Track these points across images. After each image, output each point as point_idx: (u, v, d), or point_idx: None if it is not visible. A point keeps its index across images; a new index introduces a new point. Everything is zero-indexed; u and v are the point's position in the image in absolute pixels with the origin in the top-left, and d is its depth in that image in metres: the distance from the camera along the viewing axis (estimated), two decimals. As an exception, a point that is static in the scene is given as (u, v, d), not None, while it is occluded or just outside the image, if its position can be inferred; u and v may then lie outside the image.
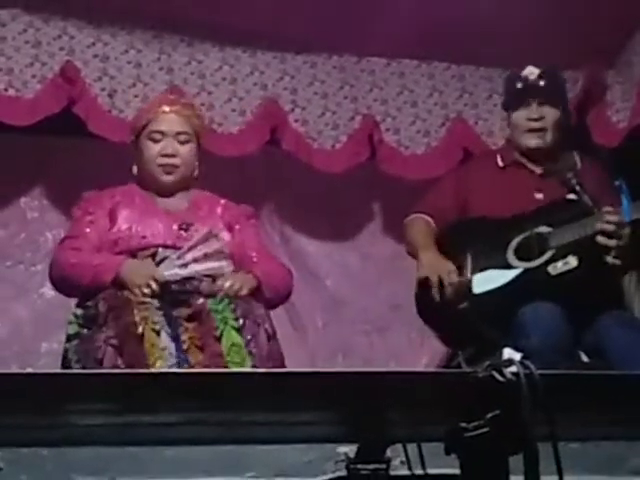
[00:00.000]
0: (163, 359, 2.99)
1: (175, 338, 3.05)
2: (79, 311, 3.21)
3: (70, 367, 3.09)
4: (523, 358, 2.77)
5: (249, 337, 3.07)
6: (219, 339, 3.06)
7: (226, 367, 2.97)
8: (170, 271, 3.22)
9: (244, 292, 3.23)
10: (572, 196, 3.45)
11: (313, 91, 4.69)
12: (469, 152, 4.64)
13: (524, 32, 4.31)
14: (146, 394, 2.14)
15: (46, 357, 4.34)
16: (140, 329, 3.02)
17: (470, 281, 3.54)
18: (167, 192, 3.51)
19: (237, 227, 3.51)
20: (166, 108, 3.54)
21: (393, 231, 4.83)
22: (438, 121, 4.77)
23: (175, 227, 3.39)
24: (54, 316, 4.23)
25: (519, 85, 3.80)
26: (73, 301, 3.42)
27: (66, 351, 3.17)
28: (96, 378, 2.25)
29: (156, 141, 3.48)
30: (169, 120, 3.51)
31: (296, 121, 4.62)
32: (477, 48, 4.60)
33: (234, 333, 3.06)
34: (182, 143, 3.48)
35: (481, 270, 3.55)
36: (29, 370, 4.14)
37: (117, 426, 2.18)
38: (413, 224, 3.84)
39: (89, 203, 3.47)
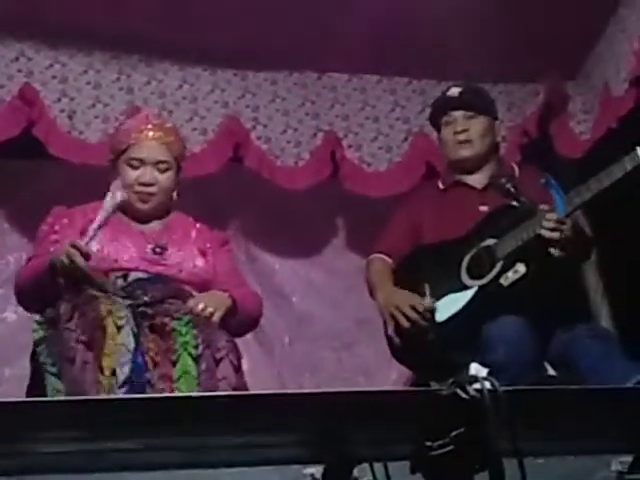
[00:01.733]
0: (115, 354, 2.94)
1: (137, 337, 3.01)
2: (40, 318, 3.14)
3: (46, 371, 3.00)
4: (489, 373, 2.78)
5: (204, 367, 3.03)
6: (174, 363, 3.02)
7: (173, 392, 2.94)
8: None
9: (216, 317, 3.18)
10: (512, 202, 3.46)
11: (274, 108, 4.68)
12: (432, 166, 4.64)
13: (484, 46, 4.32)
14: (109, 420, 2.13)
15: (8, 383, 4.28)
16: (104, 322, 2.99)
17: (432, 311, 3.53)
18: (143, 218, 3.47)
19: (210, 253, 3.48)
20: (148, 133, 3.46)
21: (357, 246, 4.83)
22: (400, 136, 4.77)
23: (149, 249, 3.34)
24: (17, 341, 4.17)
25: (442, 102, 3.89)
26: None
27: (38, 356, 3.10)
28: (59, 405, 2.23)
29: (134, 168, 3.41)
30: (150, 148, 3.44)
31: (258, 138, 4.61)
32: (437, 62, 4.61)
33: (190, 361, 3.02)
34: (161, 171, 3.42)
35: (441, 297, 3.55)
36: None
37: (81, 453, 2.17)
38: (370, 266, 3.87)
39: (56, 220, 3.41)
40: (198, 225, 3.56)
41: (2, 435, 2.09)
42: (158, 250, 3.34)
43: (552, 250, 3.33)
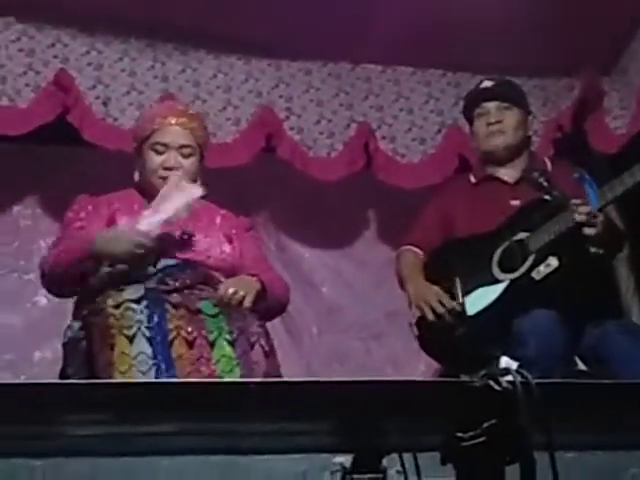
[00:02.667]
0: (135, 367, 2.90)
1: (153, 337, 2.99)
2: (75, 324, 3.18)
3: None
4: (520, 367, 2.77)
5: (240, 351, 3.03)
6: (212, 345, 3.03)
7: (214, 376, 2.93)
8: (145, 222, 3.20)
9: (248, 302, 3.17)
10: (544, 196, 3.44)
11: (308, 98, 4.69)
12: (465, 159, 4.63)
13: (520, 39, 4.31)
14: (141, 404, 2.12)
15: (39, 366, 4.33)
16: (114, 339, 2.94)
17: (463, 305, 3.52)
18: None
19: (236, 239, 3.48)
20: (172, 120, 3.45)
21: (388, 238, 4.83)
22: (434, 128, 4.77)
23: (177, 234, 3.35)
24: (48, 324, 4.21)
25: (475, 95, 3.87)
26: (68, 309, 3.39)
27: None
28: (90, 388, 2.23)
29: (159, 153, 3.41)
30: (173, 132, 3.43)
31: (291, 129, 4.61)
32: (473, 55, 4.60)
33: (226, 345, 3.03)
34: (185, 156, 3.41)
35: (471, 290, 3.54)
36: (22, 379, 4.13)
37: (111, 436, 2.16)
38: (402, 258, 3.86)
39: (81, 207, 3.42)
40: (223, 212, 3.55)
41: (33, 417, 2.09)
42: (185, 236, 3.34)
43: (585, 243, 3.32)
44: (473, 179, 3.87)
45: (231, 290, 3.17)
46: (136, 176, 3.49)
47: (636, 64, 4.56)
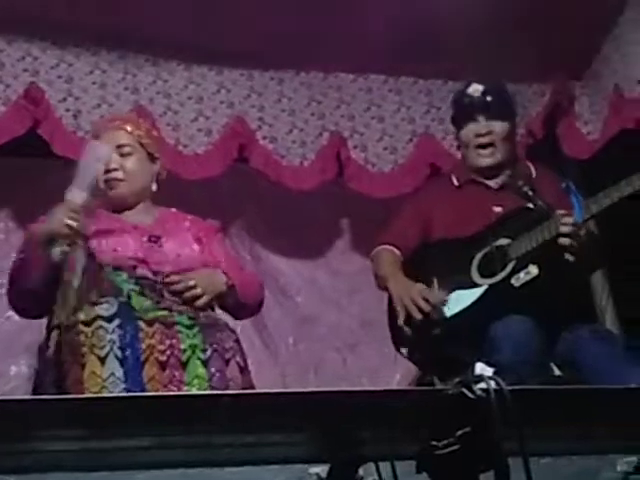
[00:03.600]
0: (106, 389, 2.87)
1: (124, 359, 2.96)
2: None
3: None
4: (495, 373, 2.78)
5: (213, 370, 3.01)
6: (184, 365, 3.00)
7: None
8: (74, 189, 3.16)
9: (201, 302, 3.16)
10: (528, 204, 3.45)
11: (280, 108, 4.69)
12: (437, 168, 4.64)
13: (491, 46, 4.32)
14: (115, 419, 2.12)
15: (15, 380, 4.30)
16: (84, 358, 2.92)
17: (440, 306, 3.53)
18: (121, 207, 3.43)
19: (205, 240, 3.47)
20: (107, 126, 3.49)
21: (362, 247, 4.83)
22: (406, 137, 4.77)
23: (144, 239, 3.34)
24: (23, 339, 4.19)
25: (465, 102, 3.81)
26: (43, 323, 3.36)
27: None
28: (65, 403, 2.23)
29: None
30: (109, 136, 3.44)
31: (264, 138, 4.61)
32: (444, 62, 4.61)
33: (199, 365, 3.00)
34: (124, 156, 3.40)
35: (449, 292, 3.55)
36: (-2, 394, 4.11)
37: (87, 451, 2.16)
38: (379, 256, 3.83)
39: None
40: (190, 217, 3.53)
41: (9, 433, 2.08)
42: (153, 239, 3.33)
43: (566, 254, 3.33)
44: (455, 181, 3.85)
45: (191, 283, 3.16)
46: None
47: (607, 69, 4.58)
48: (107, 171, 3.38)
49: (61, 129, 4.27)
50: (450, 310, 3.52)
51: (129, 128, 3.46)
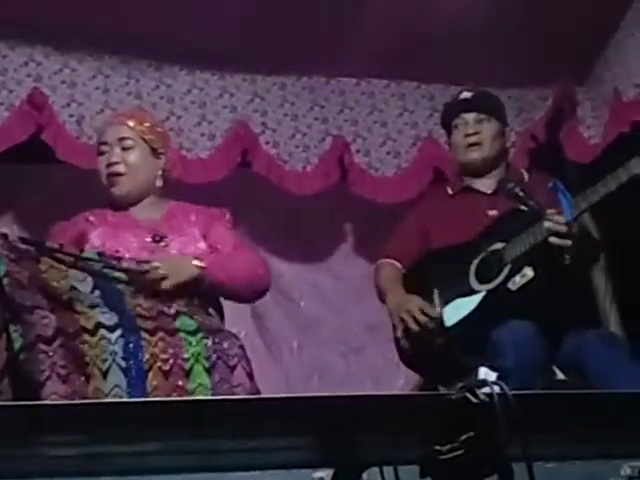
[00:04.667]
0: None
1: (128, 369, 2.94)
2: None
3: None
4: (499, 378, 2.78)
5: (217, 378, 2.99)
6: (187, 373, 2.99)
7: None
8: None
9: (164, 285, 3.08)
10: (520, 206, 3.45)
11: (283, 112, 4.69)
12: (440, 172, 4.64)
13: (493, 50, 4.32)
14: (119, 424, 2.12)
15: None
16: (87, 369, 2.83)
17: (441, 316, 3.53)
18: (126, 203, 3.43)
19: (211, 230, 3.46)
20: (108, 121, 3.51)
21: (365, 252, 4.84)
22: (409, 141, 4.77)
23: (148, 239, 3.33)
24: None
25: (454, 105, 3.89)
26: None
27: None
28: (68, 408, 2.23)
29: (103, 154, 3.43)
30: (110, 130, 3.45)
31: (267, 143, 4.62)
32: (446, 66, 4.61)
33: (204, 374, 2.96)
34: (126, 149, 3.40)
35: (449, 301, 3.55)
36: None
37: (91, 457, 2.16)
38: (379, 271, 3.85)
39: (54, 238, 3.31)
40: (197, 208, 3.52)
41: (10, 438, 2.08)
42: (157, 238, 3.32)
43: (559, 253, 3.33)
44: (450, 190, 3.88)
45: (155, 264, 3.11)
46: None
47: (609, 73, 4.58)
48: (109, 165, 3.39)
49: (64, 135, 4.27)
50: (451, 319, 3.51)
51: (131, 123, 3.46)
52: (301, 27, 4.33)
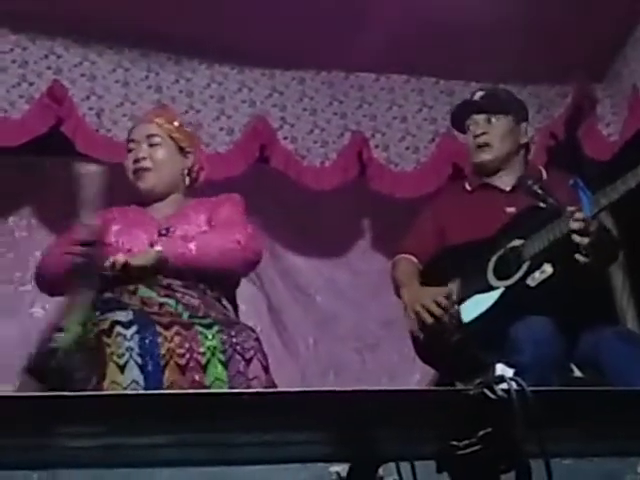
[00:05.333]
0: None
1: (144, 365, 2.93)
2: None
3: None
4: (516, 374, 2.77)
5: (233, 373, 2.99)
6: (204, 368, 3.00)
7: None
8: None
9: (118, 264, 3.11)
10: (539, 204, 3.45)
11: (302, 107, 4.70)
12: (459, 168, 4.64)
13: (512, 47, 4.31)
14: (136, 416, 2.12)
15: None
16: (104, 368, 2.87)
17: (458, 312, 3.53)
18: (152, 198, 3.46)
19: (214, 214, 3.43)
20: (139, 119, 3.57)
21: (383, 247, 4.83)
22: (427, 137, 4.77)
23: (156, 234, 3.33)
24: (44, 336, 4.20)
25: (463, 107, 3.88)
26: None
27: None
28: (86, 400, 2.23)
29: (131, 151, 3.48)
30: (139, 127, 3.52)
31: (285, 138, 4.62)
32: (465, 63, 4.61)
33: (220, 367, 2.98)
34: (153, 146, 3.44)
35: (467, 297, 3.54)
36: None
37: (108, 448, 2.16)
38: (396, 266, 3.85)
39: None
40: (211, 200, 3.52)
41: (30, 429, 2.09)
42: (163, 231, 3.33)
43: (579, 250, 3.32)
44: (468, 187, 3.87)
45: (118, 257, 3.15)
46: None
47: (628, 70, 4.57)
48: (136, 161, 3.41)
49: (84, 127, 4.29)
50: (469, 315, 3.51)
51: (159, 121, 3.51)
52: (320, 22, 4.33)
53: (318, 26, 4.35)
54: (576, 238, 3.28)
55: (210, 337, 3.02)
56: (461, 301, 3.55)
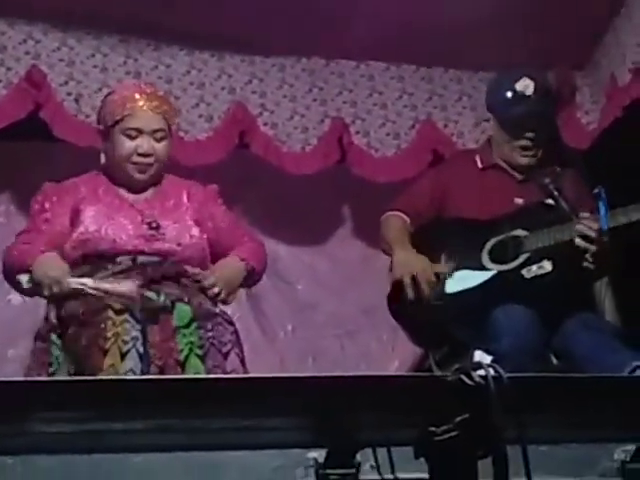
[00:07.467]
0: None
1: (144, 356, 2.96)
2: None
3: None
4: (494, 361, 2.78)
5: (211, 365, 3.02)
6: (182, 364, 3.01)
7: None
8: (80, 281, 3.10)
9: (222, 297, 3.23)
10: (550, 201, 3.46)
11: (282, 94, 4.68)
12: (439, 154, 4.64)
13: (492, 34, 4.31)
14: (114, 401, 2.12)
15: (13, 363, 4.29)
16: (107, 344, 2.95)
17: (444, 277, 3.53)
18: (138, 189, 3.43)
19: (206, 214, 3.45)
20: (144, 104, 3.39)
21: (363, 235, 4.83)
22: (408, 123, 4.76)
23: (145, 227, 3.31)
24: (22, 323, 4.19)
25: (515, 103, 3.69)
26: (42, 307, 3.36)
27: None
28: (61, 385, 2.23)
29: (132, 138, 3.36)
30: (146, 117, 3.37)
31: (265, 124, 4.60)
32: (445, 50, 4.60)
33: (198, 362, 3.02)
34: (158, 140, 3.38)
35: (455, 270, 3.55)
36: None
37: (83, 433, 2.16)
38: (388, 221, 3.82)
39: (46, 197, 3.37)
40: (188, 184, 3.53)
41: (5, 415, 2.08)
42: (154, 225, 3.32)
43: (583, 257, 3.34)
44: (480, 163, 3.83)
45: (211, 280, 3.22)
46: (102, 159, 3.46)
47: (607, 58, 4.57)
48: (139, 154, 3.36)
49: (62, 113, 4.26)
50: (454, 286, 3.53)
51: (166, 111, 3.43)
52: (300, 8, 4.31)
53: (298, 13, 4.33)
54: (583, 244, 3.31)
55: (188, 334, 3.05)
56: (448, 271, 3.57)
